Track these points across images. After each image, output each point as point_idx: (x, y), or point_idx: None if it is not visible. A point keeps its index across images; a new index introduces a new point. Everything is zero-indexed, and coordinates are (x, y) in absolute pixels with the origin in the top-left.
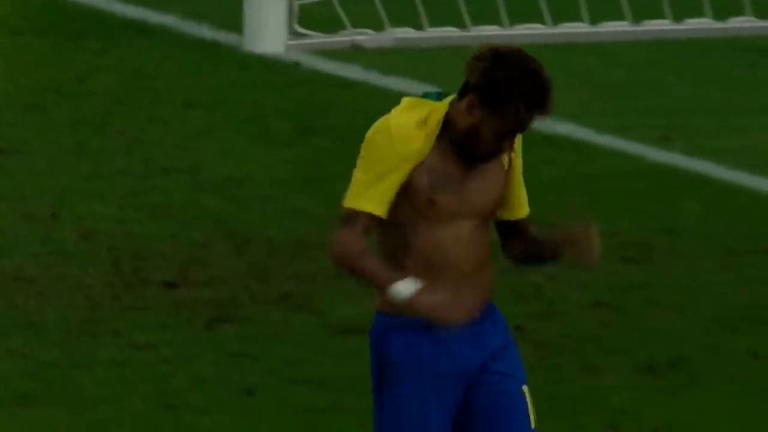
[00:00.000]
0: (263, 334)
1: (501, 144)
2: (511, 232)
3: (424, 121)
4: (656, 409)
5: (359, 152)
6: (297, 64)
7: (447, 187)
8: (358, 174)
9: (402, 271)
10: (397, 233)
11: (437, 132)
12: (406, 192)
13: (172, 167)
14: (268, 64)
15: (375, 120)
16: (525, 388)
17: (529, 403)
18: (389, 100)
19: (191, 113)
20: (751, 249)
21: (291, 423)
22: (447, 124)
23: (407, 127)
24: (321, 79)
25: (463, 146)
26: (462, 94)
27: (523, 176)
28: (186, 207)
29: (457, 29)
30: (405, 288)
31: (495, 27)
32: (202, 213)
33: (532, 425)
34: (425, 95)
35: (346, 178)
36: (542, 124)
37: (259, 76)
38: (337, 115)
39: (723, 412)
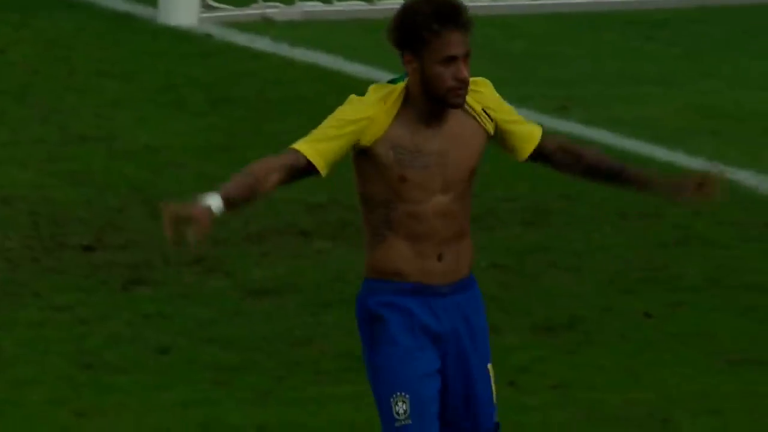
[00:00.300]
0: (177, 295)
1: (455, 75)
2: (545, 158)
3: (383, 99)
4: (554, 367)
5: (271, 121)
6: (209, 36)
7: (416, 162)
8: (313, 131)
9: (383, 242)
10: (379, 211)
11: (398, 107)
12: (377, 169)
13: (89, 135)
14: (181, 35)
15: (285, 90)
16: (489, 366)
17: (492, 381)
18: (298, 71)
19: (107, 83)
20: (642, 213)
21: (204, 381)
22: (408, 98)
23: (365, 100)
24: (233, 50)
25: (431, 102)
26: (404, 68)
27: None
28: (102, 173)
29: (364, 3)
30: (211, 201)
31: (400, 1)
32: (118, 179)
33: (494, 400)
34: (390, 81)
35: (257, 146)
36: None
37: (172, 48)
38: (248, 86)
39: (618, 370)
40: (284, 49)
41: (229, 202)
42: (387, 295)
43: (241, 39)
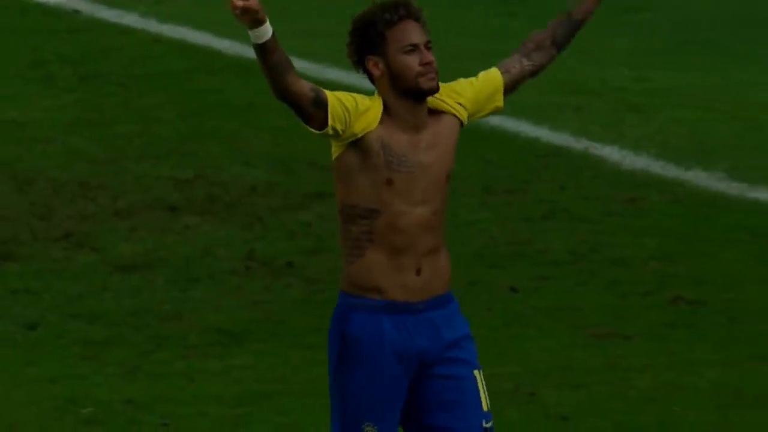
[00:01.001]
0: (45, 270)
1: (421, 60)
2: (521, 81)
3: (372, 100)
4: None
5: (139, 96)
6: (77, 11)
7: (402, 167)
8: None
9: (363, 255)
10: (361, 222)
11: (381, 112)
12: (366, 168)
13: None
14: (48, 11)
15: (153, 66)
16: (477, 372)
17: (480, 387)
18: (166, 47)
19: None
20: (508, 188)
21: (71, 356)
22: (386, 105)
23: (365, 98)
24: (101, 26)
25: (406, 99)
26: (371, 80)
27: (294, 122)
28: None
29: None
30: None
31: None
32: None
33: (484, 408)
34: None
35: (125, 121)
36: (317, 71)
37: (40, 24)
38: (116, 61)
39: (485, 344)
40: (152, 25)
41: (273, 43)
42: (363, 314)
43: (110, 15)
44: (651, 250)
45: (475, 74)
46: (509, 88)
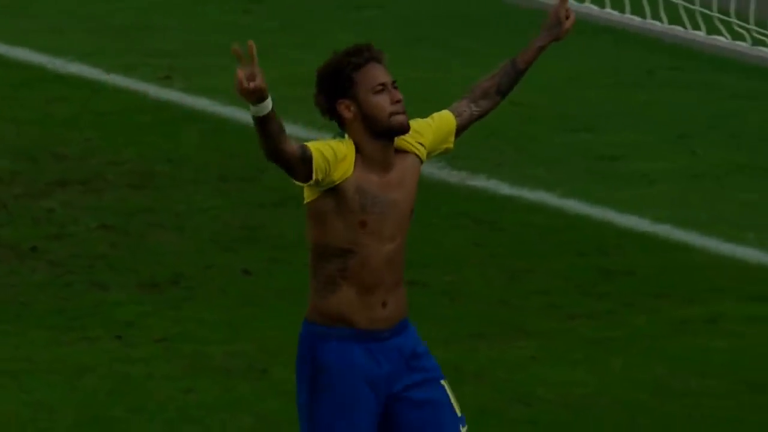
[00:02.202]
0: None
1: (391, 99)
2: (470, 123)
3: (346, 146)
4: (160, 321)
5: None
6: None
7: (375, 208)
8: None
9: (336, 291)
10: (335, 261)
11: (354, 156)
12: (340, 213)
13: None
14: None
15: None
16: (444, 382)
17: (450, 396)
18: None
19: None
20: (241, 176)
21: None
22: (358, 147)
23: (335, 141)
24: None
25: (378, 139)
26: (342, 125)
27: (37, 113)
28: None
29: None
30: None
31: None
32: None
33: (458, 413)
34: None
35: None
36: (60, 65)
37: None
38: None
39: (219, 323)
40: None
41: (270, 116)
42: (332, 343)
43: None
44: None
45: (215, 67)
46: (459, 131)
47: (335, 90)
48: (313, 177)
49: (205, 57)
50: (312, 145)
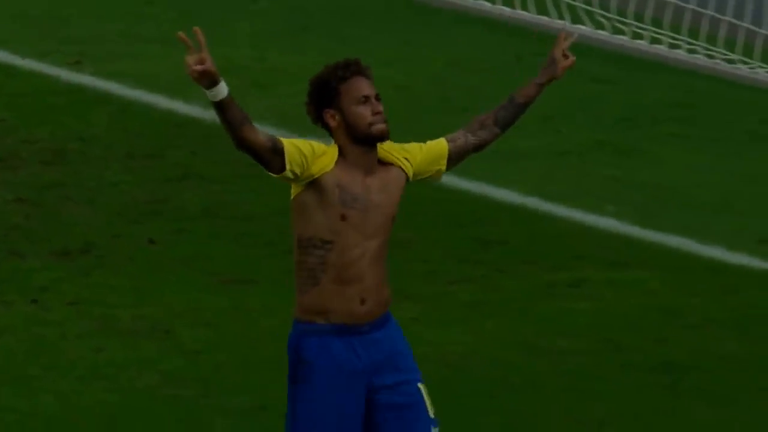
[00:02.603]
0: None
1: (372, 110)
2: (466, 154)
3: (328, 147)
4: (72, 287)
5: None
6: None
7: (356, 204)
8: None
9: (316, 285)
10: (316, 253)
11: (336, 156)
12: (321, 205)
13: None
14: None
15: None
16: (420, 385)
17: (425, 398)
18: None
19: None
20: (147, 153)
21: None
22: (342, 152)
23: (321, 143)
24: None
25: (360, 145)
26: (329, 132)
27: None
28: None
29: None
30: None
31: None
32: None
33: (431, 415)
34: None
35: None
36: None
37: None
38: None
39: (127, 289)
40: None
41: (228, 102)
42: (314, 338)
43: None
44: (273, 207)
45: (121, 54)
46: (454, 157)
47: (322, 100)
48: (287, 168)
49: (112, 44)
50: (288, 140)
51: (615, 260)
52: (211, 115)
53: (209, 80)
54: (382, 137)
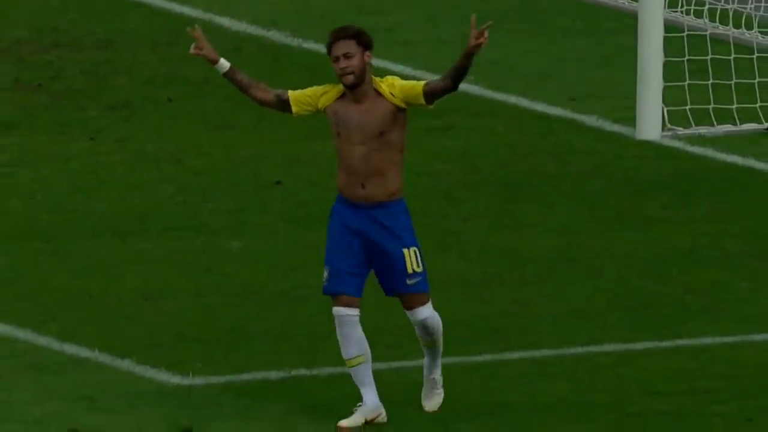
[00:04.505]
0: None
1: (338, 68)
2: (436, 95)
3: (334, 88)
4: (115, 130)
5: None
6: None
7: (342, 124)
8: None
9: (338, 169)
10: (337, 154)
11: (337, 95)
12: (330, 126)
13: None
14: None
15: None
16: (404, 250)
17: (407, 258)
18: None
19: None
20: (166, 42)
21: None
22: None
23: (326, 86)
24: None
25: (345, 87)
26: None
27: None
28: None
29: None
30: (223, 61)
31: None
32: None
33: (409, 270)
34: None
35: None
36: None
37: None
38: None
39: (151, 132)
40: None
41: (231, 73)
42: (337, 204)
43: None
44: None
45: None
46: (430, 93)
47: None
48: (294, 110)
49: None
50: (298, 90)
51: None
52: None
53: (210, 60)
54: (348, 86)
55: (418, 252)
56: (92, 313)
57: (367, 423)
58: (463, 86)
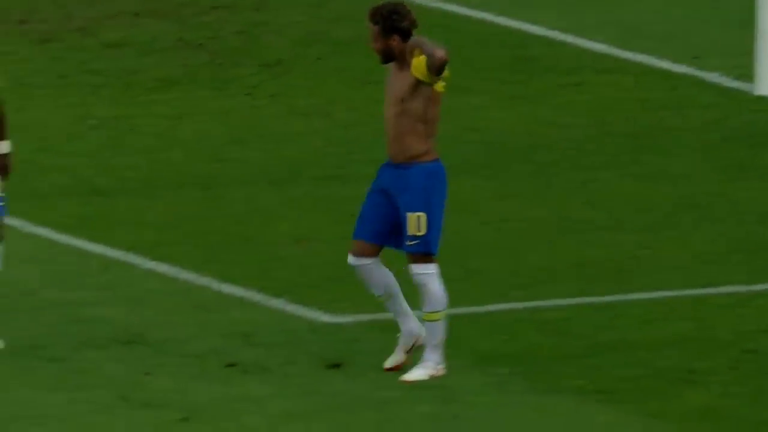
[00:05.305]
0: None
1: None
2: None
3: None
4: (270, 85)
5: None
6: None
7: (386, 87)
8: None
9: None
10: None
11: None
12: None
13: None
14: None
15: None
16: (408, 214)
17: (410, 222)
18: None
19: None
20: (310, 3)
21: None
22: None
23: None
24: None
25: None
26: None
27: None
28: None
29: None
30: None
31: None
32: None
33: (409, 233)
34: None
35: None
36: None
37: None
38: None
39: (302, 88)
40: None
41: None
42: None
43: None
44: None
45: None
46: (427, 66)
47: None
48: None
49: None
50: None
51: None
52: None
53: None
54: (380, 60)
55: (423, 217)
56: (248, 256)
57: (407, 352)
58: (593, 45)
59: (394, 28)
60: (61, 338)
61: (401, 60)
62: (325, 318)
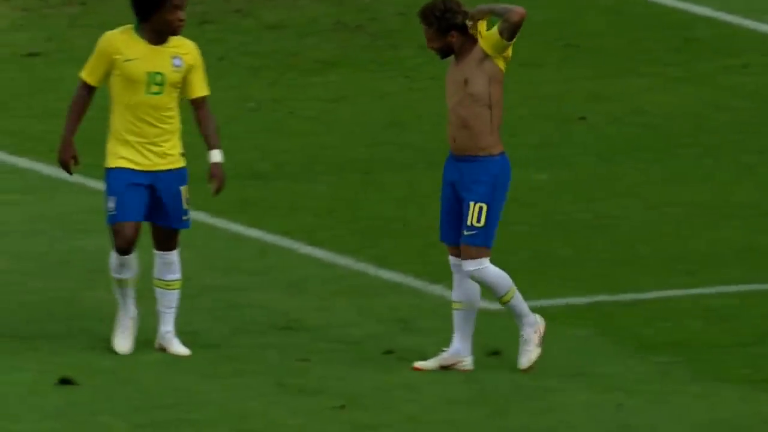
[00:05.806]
0: None
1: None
2: (504, 31)
3: None
4: (430, 68)
5: None
6: None
7: (447, 79)
8: None
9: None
10: None
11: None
12: None
13: None
14: None
15: None
16: (472, 203)
17: (470, 211)
18: None
19: None
20: None
21: None
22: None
23: None
24: None
25: None
26: None
27: None
28: None
29: None
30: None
31: None
32: None
33: (468, 223)
34: None
35: None
36: None
37: None
38: None
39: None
40: None
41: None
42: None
43: None
44: None
45: None
46: (501, 30)
47: None
48: None
49: None
50: None
51: None
52: None
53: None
54: (439, 56)
55: (485, 208)
56: (406, 241)
57: (443, 368)
58: (760, 26)
59: (450, 26)
60: (216, 324)
61: (462, 52)
62: (483, 305)
